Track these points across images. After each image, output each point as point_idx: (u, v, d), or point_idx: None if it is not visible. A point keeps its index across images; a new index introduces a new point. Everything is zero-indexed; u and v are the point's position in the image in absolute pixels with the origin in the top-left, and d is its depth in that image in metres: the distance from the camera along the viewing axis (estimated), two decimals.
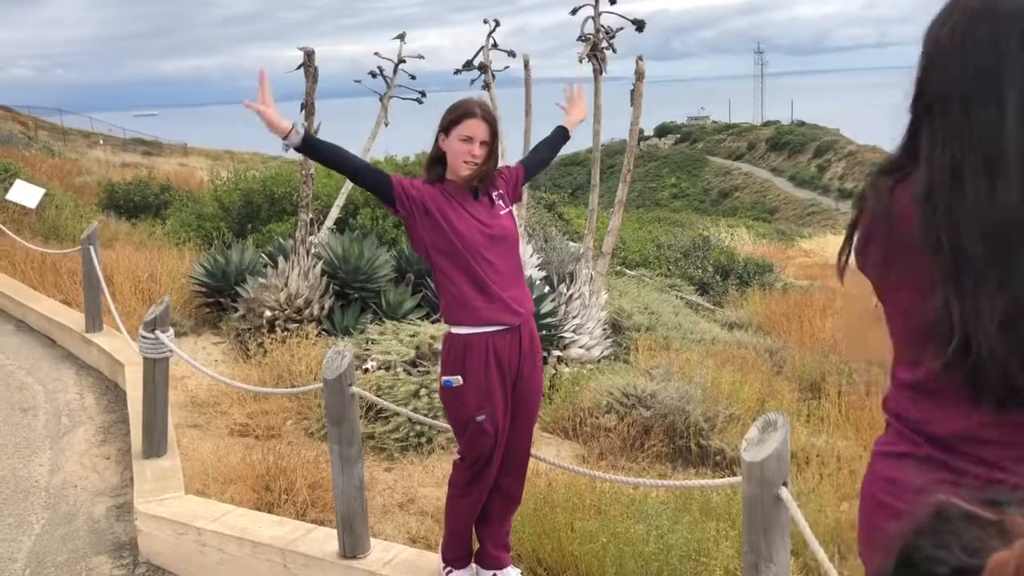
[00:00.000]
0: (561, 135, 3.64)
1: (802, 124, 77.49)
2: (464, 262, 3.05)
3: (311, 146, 3.10)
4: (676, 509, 4.33)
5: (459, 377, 3.05)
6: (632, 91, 7.94)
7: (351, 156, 3.11)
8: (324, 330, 7.18)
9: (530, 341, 3.17)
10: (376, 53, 9.37)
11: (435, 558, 3.57)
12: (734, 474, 4.24)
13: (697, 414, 6.09)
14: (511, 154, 8.99)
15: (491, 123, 3.10)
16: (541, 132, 3.98)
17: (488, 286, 3.05)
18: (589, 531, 3.85)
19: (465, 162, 3.07)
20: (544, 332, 7.45)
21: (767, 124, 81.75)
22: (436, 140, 3.14)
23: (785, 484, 2.42)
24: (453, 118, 3.09)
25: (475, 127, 3.06)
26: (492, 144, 3.11)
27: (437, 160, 3.14)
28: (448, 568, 3.40)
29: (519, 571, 3.43)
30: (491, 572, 3.32)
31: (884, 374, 1.58)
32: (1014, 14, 1.33)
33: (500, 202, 3.21)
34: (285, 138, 2.96)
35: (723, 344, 8.89)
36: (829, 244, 22.63)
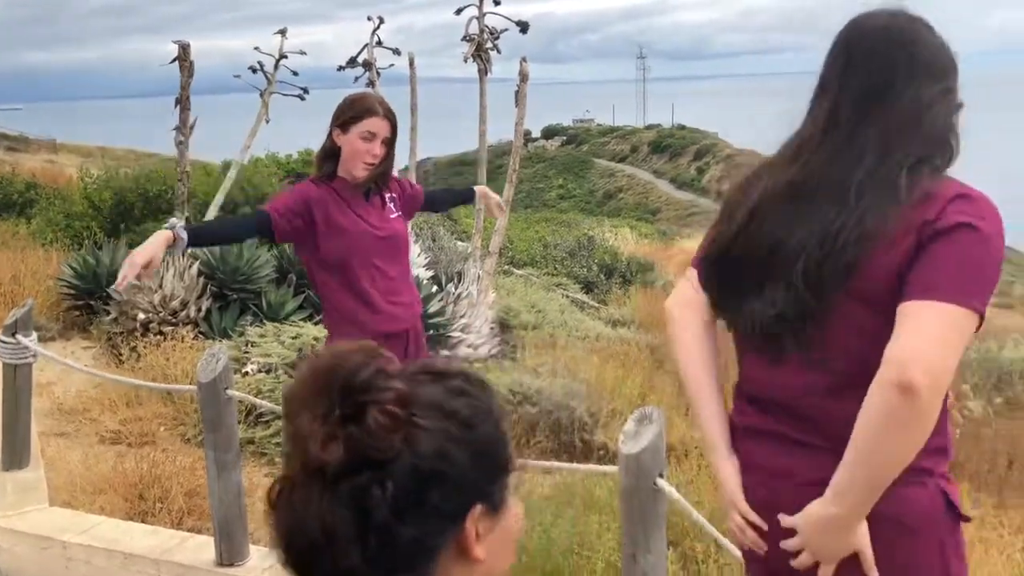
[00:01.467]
0: (468, 196, 3.70)
1: (682, 128, 79.73)
2: (350, 273, 2.99)
3: (199, 238, 2.98)
4: (559, 504, 4.38)
5: None
6: (517, 92, 8.01)
7: (235, 224, 3.03)
8: (201, 333, 6.95)
9: (416, 343, 3.14)
10: (256, 48, 9.14)
11: None
12: None
13: (582, 410, 6.19)
14: (397, 153, 8.91)
15: (392, 121, 3.04)
16: (427, 131, 3.98)
17: (373, 298, 2.99)
18: None
19: (365, 163, 2.98)
20: (432, 332, 7.42)
21: (649, 127, 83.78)
22: (330, 134, 3.04)
23: (661, 475, 2.47)
24: (353, 114, 2.98)
25: (377, 125, 2.98)
26: (392, 143, 3.05)
27: (330, 155, 3.05)
28: None
29: None
30: None
31: None
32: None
33: (392, 205, 3.16)
34: (172, 245, 2.77)
35: (607, 341, 9.06)
36: None
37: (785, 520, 1.52)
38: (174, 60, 7.15)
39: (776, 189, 1.59)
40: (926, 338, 1.35)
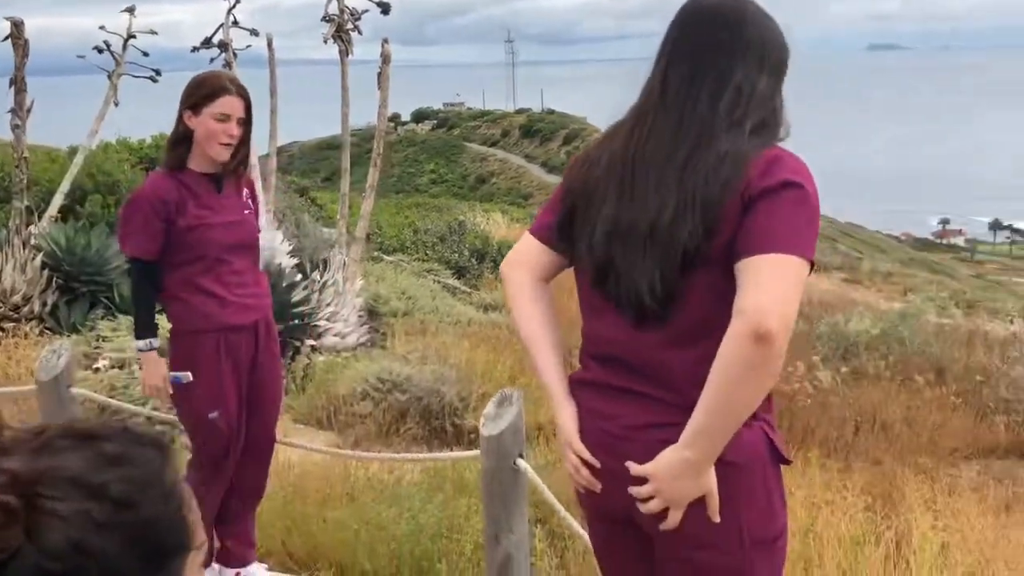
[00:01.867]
0: None
1: (552, 112, 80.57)
2: (198, 265, 2.87)
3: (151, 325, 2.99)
4: (429, 489, 4.36)
5: (188, 373, 2.88)
6: (379, 74, 7.89)
7: (145, 294, 2.97)
8: (48, 328, 6.56)
9: (267, 333, 3.05)
10: (102, 27, 8.65)
11: None
12: None
13: (452, 395, 6.19)
14: (257, 137, 8.64)
15: (246, 99, 2.92)
16: (287, 115, 3.84)
17: (221, 291, 2.89)
18: (340, 520, 3.79)
19: (222, 144, 2.84)
20: (297, 321, 7.25)
21: (519, 112, 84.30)
22: (180, 117, 2.88)
23: (521, 456, 2.49)
24: (204, 94, 2.83)
25: (231, 104, 2.85)
26: (248, 123, 2.93)
27: (182, 140, 2.89)
28: None
29: (265, 566, 3.30)
30: (234, 570, 3.16)
31: None
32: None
33: (248, 200, 3.05)
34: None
35: (478, 325, 9.09)
36: None
37: (635, 468, 1.57)
38: (6, 38, 6.69)
39: (613, 162, 1.66)
40: (772, 288, 1.44)
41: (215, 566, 3.23)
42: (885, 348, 7.45)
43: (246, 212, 3.00)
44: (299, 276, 7.86)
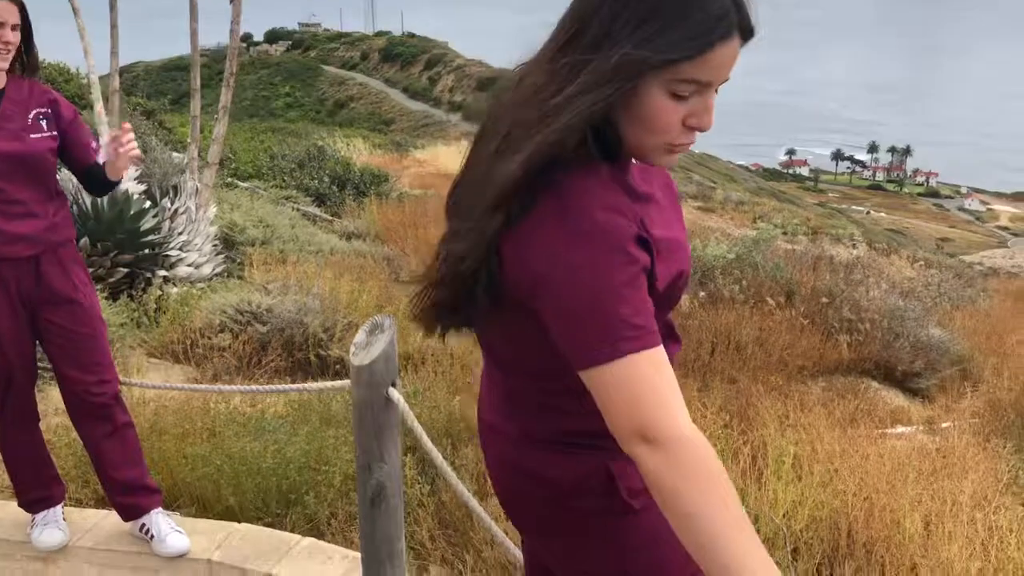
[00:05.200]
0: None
1: (413, 36, 78.87)
2: None
3: None
4: (295, 422, 4.26)
5: None
6: None
7: None
8: None
9: (58, 268, 2.76)
10: None
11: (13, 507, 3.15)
12: None
13: (315, 325, 6.03)
14: (97, 55, 8.01)
15: (20, 3, 2.62)
16: (134, 32, 3.52)
17: None
18: (201, 455, 3.64)
19: None
20: (147, 251, 6.86)
21: (379, 34, 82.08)
22: None
23: (394, 384, 2.43)
24: None
25: (3, 9, 2.57)
26: (27, 30, 2.64)
27: None
28: (32, 517, 3.01)
29: (168, 514, 3.03)
30: (139, 522, 2.91)
31: None
32: None
33: (43, 123, 2.74)
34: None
35: (341, 254, 8.87)
36: (441, 154, 23.50)
37: None
38: None
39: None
40: (615, 409, 1.16)
41: (57, 508, 3.01)
42: (739, 272, 7.74)
43: (34, 137, 2.70)
44: (148, 203, 7.40)
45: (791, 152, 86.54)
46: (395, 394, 2.39)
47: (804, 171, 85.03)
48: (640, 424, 1.13)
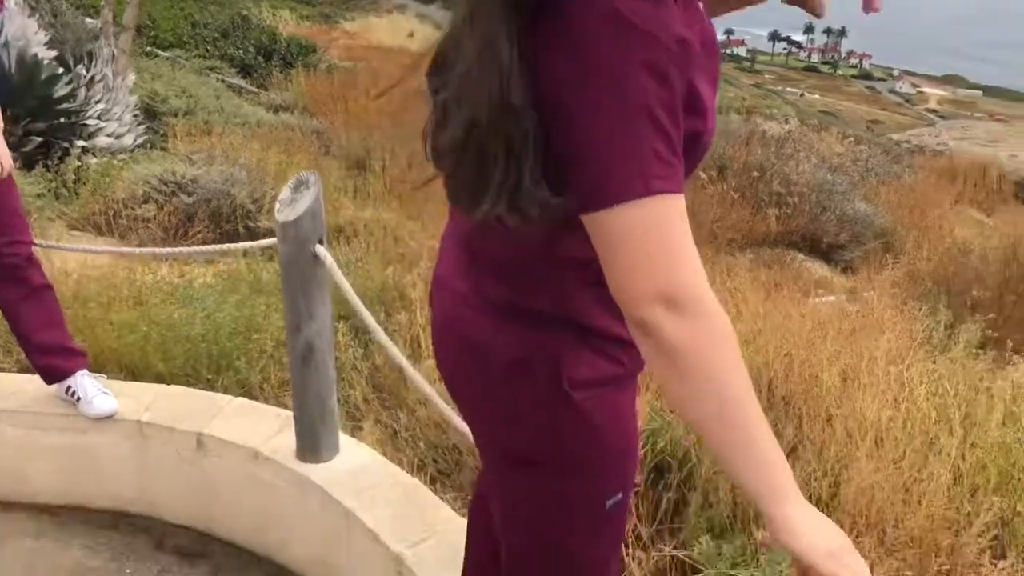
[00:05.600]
0: None
1: None
2: None
3: None
4: (223, 291, 4.20)
5: None
6: None
7: None
8: None
9: None
10: None
11: None
12: None
13: (243, 196, 5.90)
14: None
15: None
16: None
17: None
18: (128, 322, 3.58)
19: None
20: (63, 120, 6.56)
21: None
22: None
23: (321, 242, 2.39)
24: None
25: None
26: None
27: None
28: None
29: (95, 376, 2.94)
30: (65, 384, 2.83)
31: None
32: None
33: None
34: None
35: (269, 127, 8.61)
36: (372, 27, 22.69)
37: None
38: None
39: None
40: (621, 266, 1.00)
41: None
42: None
43: None
44: (60, 70, 7.02)
45: (729, 32, 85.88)
46: (322, 251, 2.35)
47: (742, 51, 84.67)
48: (669, 282, 0.97)
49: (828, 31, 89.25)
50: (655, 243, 0.97)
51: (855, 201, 7.81)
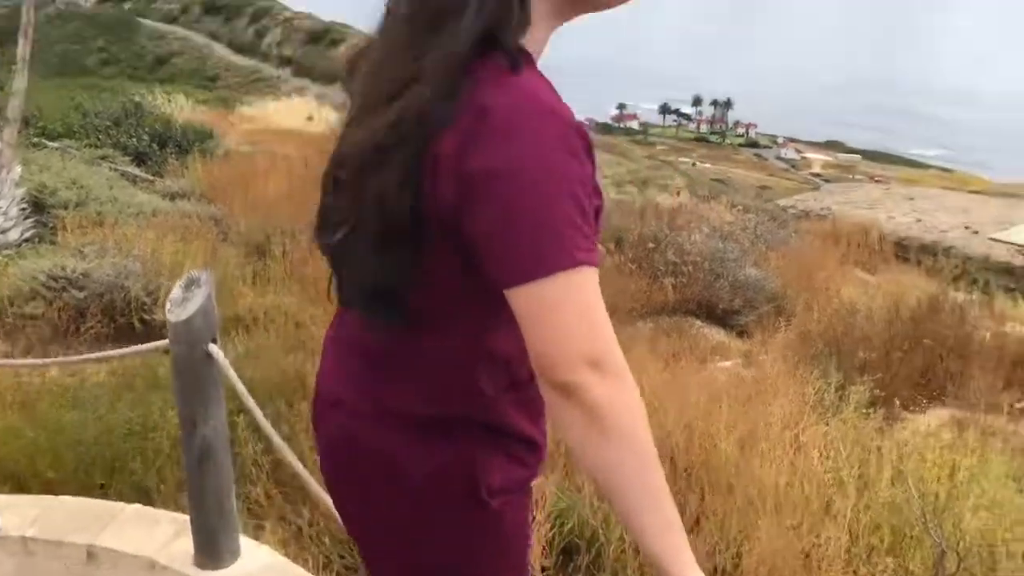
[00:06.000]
0: None
1: None
2: None
3: None
4: (117, 388, 4.06)
5: None
6: None
7: None
8: None
9: None
10: None
11: None
12: None
13: (137, 288, 5.75)
14: None
15: None
16: None
17: None
18: (13, 428, 3.42)
19: None
20: None
21: None
22: None
23: (214, 340, 2.36)
24: None
25: None
26: None
27: None
28: None
29: None
30: None
31: None
32: None
33: None
34: None
35: (165, 215, 8.44)
36: (271, 110, 22.68)
37: None
38: None
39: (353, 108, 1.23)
40: (545, 331, 1.04)
41: None
42: None
43: None
44: None
45: (621, 107, 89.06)
46: (215, 349, 2.32)
47: (634, 124, 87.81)
48: (592, 347, 1.03)
49: (715, 103, 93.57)
50: (581, 311, 1.03)
51: (746, 267, 8.12)
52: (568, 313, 1.03)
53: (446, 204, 1.07)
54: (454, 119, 1.05)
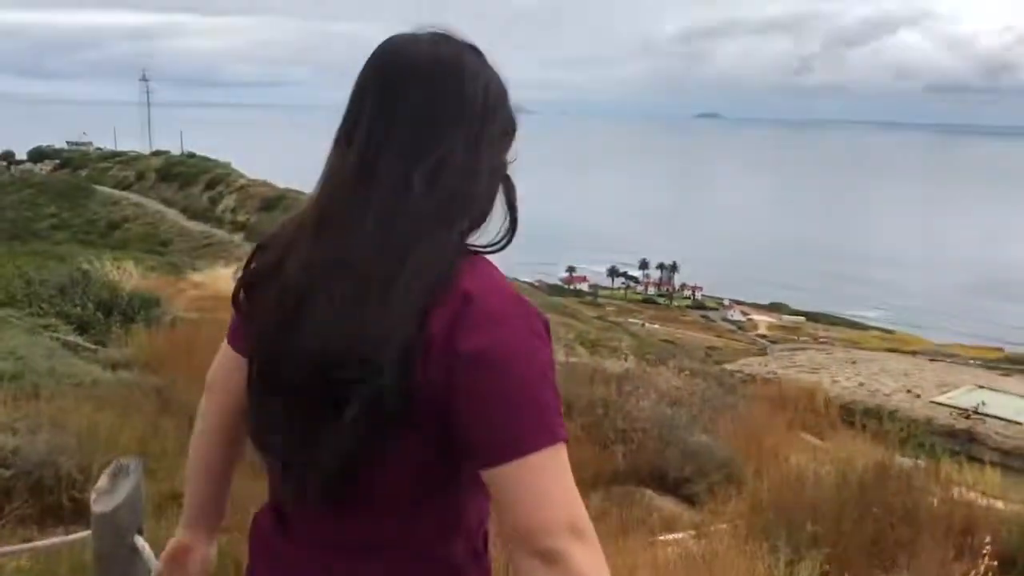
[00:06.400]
0: None
1: (193, 155, 76.95)
2: None
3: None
4: (41, 574, 3.85)
5: None
6: None
7: None
8: None
9: None
10: None
11: None
12: None
13: (70, 465, 5.54)
14: None
15: None
16: None
17: None
18: None
19: None
20: None
21: (156, 154, 79.48)
22: None
23: (140, 532, 2.26)
24: None
25: None
26: None
27: None
28: None
29: None
30: None
31: None
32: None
33: None
34: None
35: (105, 386, 8.27)
36: (220, 276, 22.72)
37: None
38: None
39: (298, 274, 1.24)
40: (548, 500, 1.12)
41: None
42: None
43: None
44: None
45: (571, 269, 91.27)
46: (140, 542, 2.22)
47: (584, 286, 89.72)
48: (572, 516, 1.12)
49: (661, 267, 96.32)
50: (561, 482, 1.13)
51: (696, 434, 8.13)
52: (551, 483, 1.12)
53: (438, 383, 1.15)
54: (445, 302, 1.15)
